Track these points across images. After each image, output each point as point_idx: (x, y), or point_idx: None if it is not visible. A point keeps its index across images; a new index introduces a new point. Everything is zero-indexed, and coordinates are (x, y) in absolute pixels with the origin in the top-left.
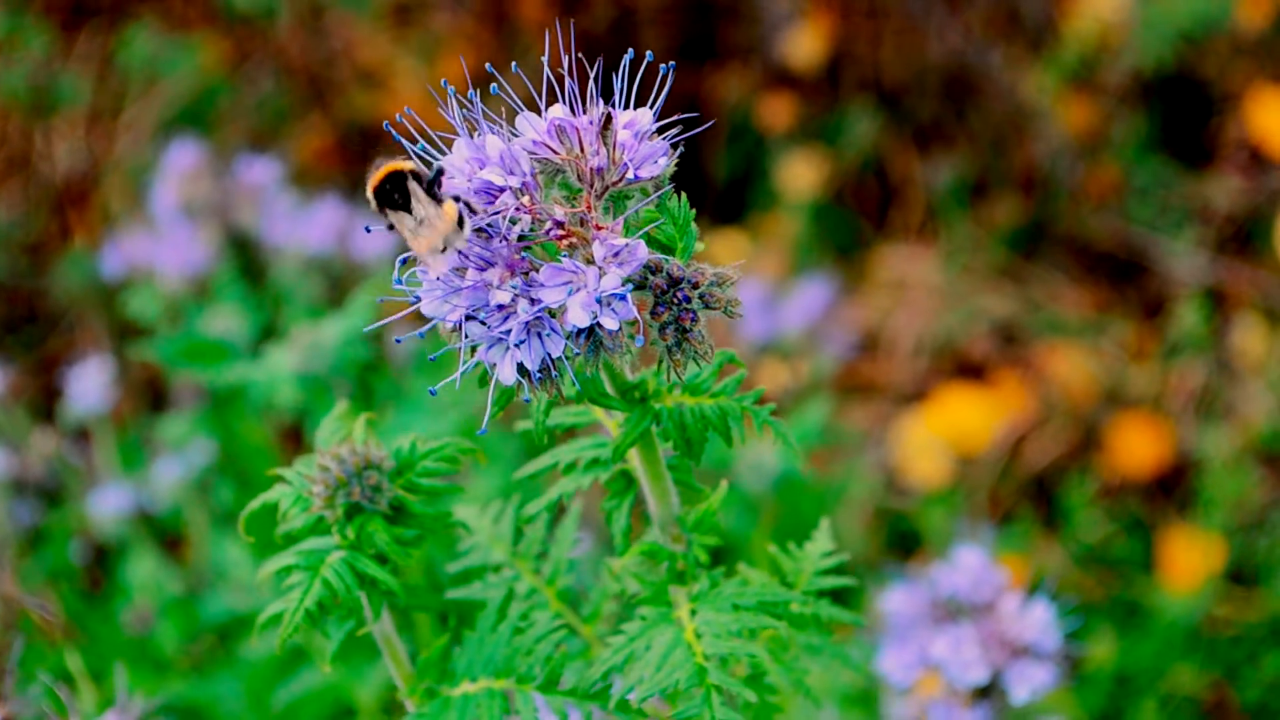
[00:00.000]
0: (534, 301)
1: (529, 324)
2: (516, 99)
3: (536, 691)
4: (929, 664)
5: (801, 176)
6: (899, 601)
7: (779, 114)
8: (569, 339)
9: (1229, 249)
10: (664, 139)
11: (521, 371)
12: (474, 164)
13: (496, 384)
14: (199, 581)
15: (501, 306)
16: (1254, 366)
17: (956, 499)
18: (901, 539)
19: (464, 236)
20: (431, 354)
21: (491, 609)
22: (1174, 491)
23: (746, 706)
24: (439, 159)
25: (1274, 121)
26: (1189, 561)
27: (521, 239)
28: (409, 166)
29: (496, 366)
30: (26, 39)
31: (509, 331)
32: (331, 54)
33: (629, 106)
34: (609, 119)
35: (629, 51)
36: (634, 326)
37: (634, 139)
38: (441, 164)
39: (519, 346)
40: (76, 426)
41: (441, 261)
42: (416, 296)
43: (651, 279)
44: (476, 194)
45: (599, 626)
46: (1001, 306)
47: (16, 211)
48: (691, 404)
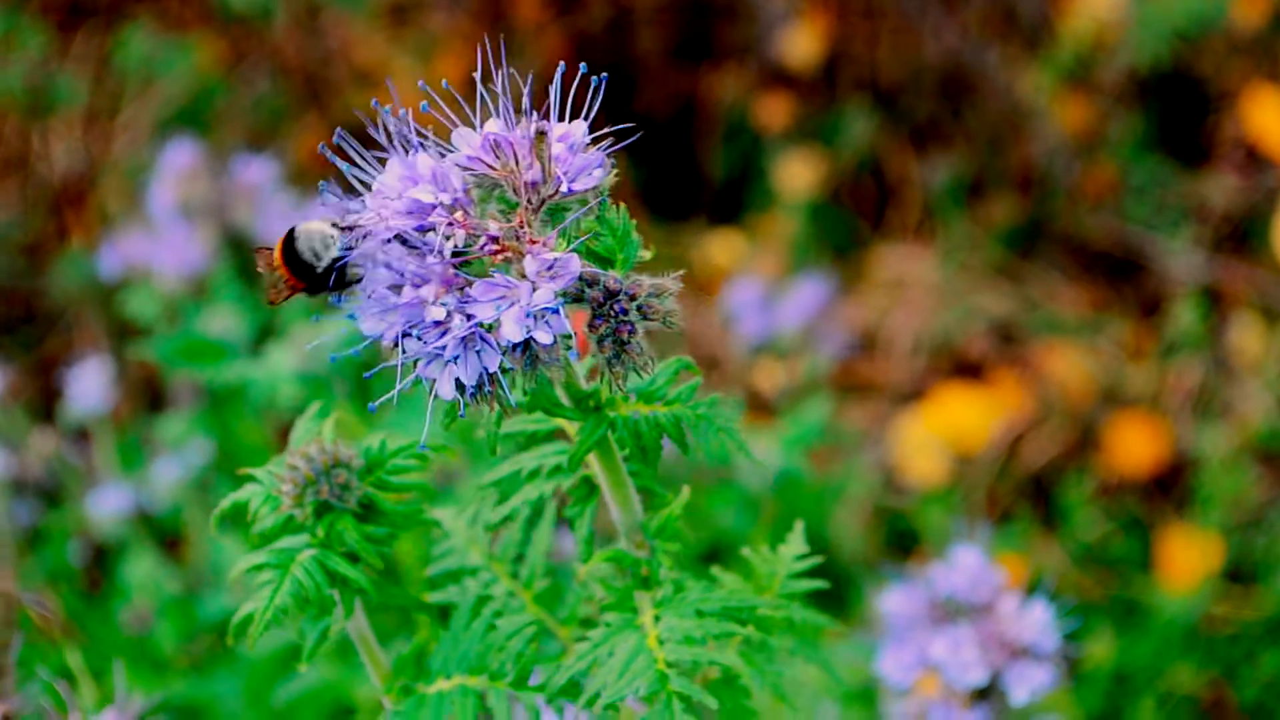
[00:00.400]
0: (468, 317)
1: (465, 339)
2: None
3: (509, 688)
4: (928, 665)
5: (798, 176)
6: (897, 602)
7: (776, 113)
8: (505, 353)
9: (1226, 248)
10: (600, 149)
11: (459, 387)
12: (406, 182)
13: (436, 399)
14: (198, 581)
15: (438, 323)
16: (1251, 365)
17: (954, 498)
18: (900, 538)
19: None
20: (367, 373)
21: (465, 607)
22: (1172, 490)
23: (721, 711)
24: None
25: (1270, 120)
26: (1187, 560)
27: (456, 255)
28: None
29: (436, 382)
30: (23, 39)
31: (445, 347)
32: (328, 54)
33: (565, 119)
34: (543, 133)
35: (560, 65)
36: (570, 340)
37: (568, 151)
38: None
39: (455, 362)
40: (75, 426)
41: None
42: (353, 315)
43: (589, 292)
44: (408, 213)
45: (575, 629)
46: (999, 305)
47: (14, 212)
48: (646, 411)
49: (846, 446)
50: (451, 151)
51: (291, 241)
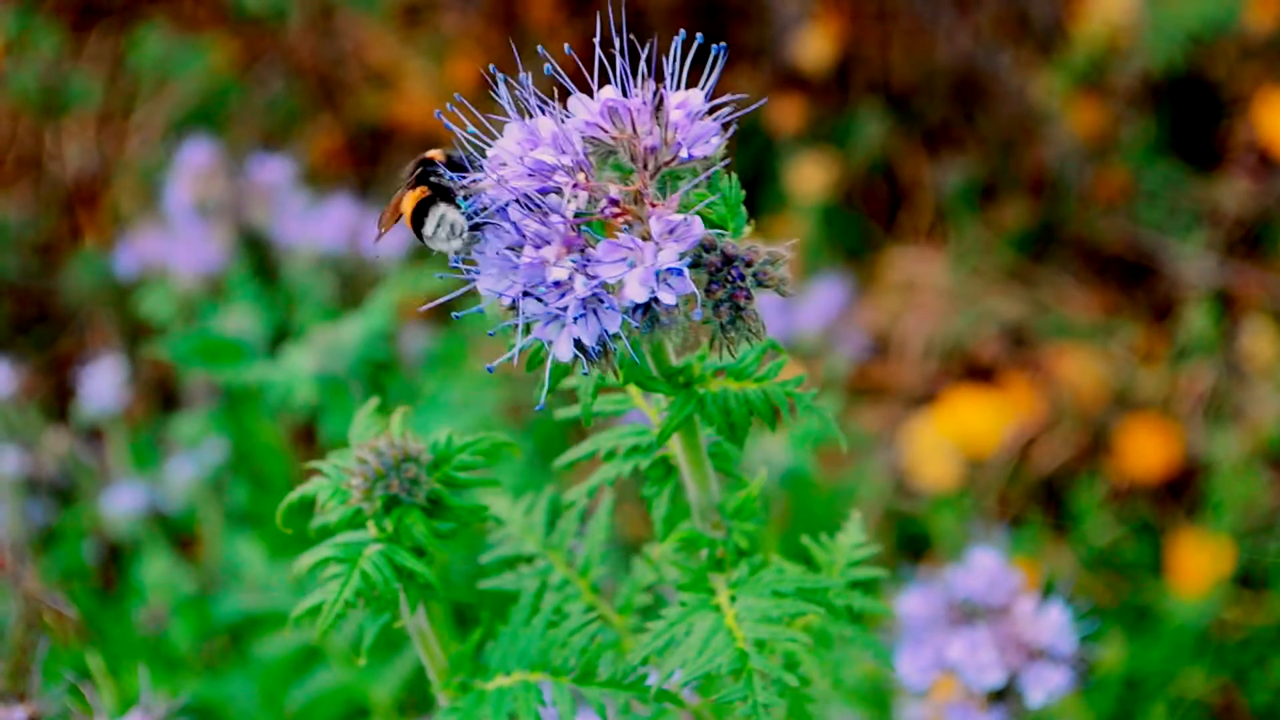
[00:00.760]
0: (591, 277)
1: (586, 300)
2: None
3: (573, 683)
4: (945, 666)
5: (811, 178)
6: (915, 604)
7: (788, 116)
8: (626, 314)
9: (1238, 252)
10: (715, 119)
11: (578, 348)
12: (527, 145)
13: (552, 362)
14: (212, 581)
15: (558, 283)
16: (1263, 369)
17: (966, 502)
18: (911, 541)
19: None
20: (490, 330)
21: (525, 602)
22: (1183, 495)
23: (785, 692)
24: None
25: None
26: (1198, 565)
27: (578, 216)
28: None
29: (553, 344)
30: (37, 39)
31: (566, 308)
32: (341, 54)
33: (680, 87)
34: (661, 99)
35: (680, 33)
36: (690, 304)
37: (686, 119)
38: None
39: (576, 322)
40: (89, 426)
41: (455, 245)
42: (475, 273)
43: (706, 257)
44: (530, 174)
45: (631, 618)
46: (1011, 309)
47: (27, 211)
48: (736, 389)
49: (858, 449)
50: (569, 118)
51: (422, 214)
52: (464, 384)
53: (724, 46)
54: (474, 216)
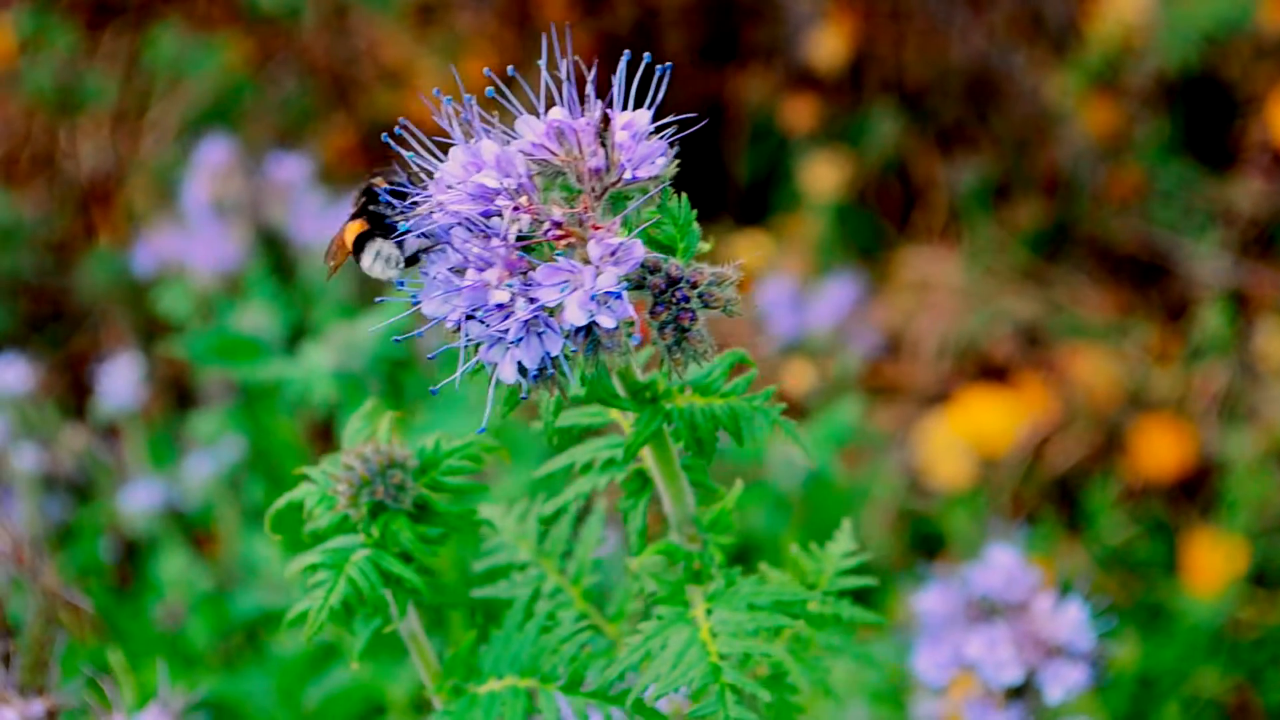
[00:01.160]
0: (532, 300)
1: (527, 323)
2: (531, 99)
3: (559, 692)
4: (963, 664)
5: (824, 178)
6: (933, 601)
7: (802, 115)
8: (567, 338)
9: (1252, 252)
10: (662, 139)
11: (522, 371)
12: (471, 168)
13: (498, 383)
14: (229, 578)
15: (501, 306)
16: (1277, 369)
17: (980, 501)
18: (924, 541)
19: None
20: (430, 353)
21: (518, 608)
22: (1197, 494)
23: (766, 707)
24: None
25: None
26: (1212, 564)
27: (520, 239)
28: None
29: (497, 366)
30: (52, 38)
31: (508, 330)
32: (355, 53)
33: (628, 108)
34: (607, 120)
35: (625, 54)
36: (632, 326)
37: (631, 139)
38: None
39: (518, 345)
40: (106, 423)
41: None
42: (417, 298)
43: (650, 278)
44: (472, 198)
45: (624, 625)
46: (1024, 309)
47: (42, 209)
48: (702, 404)
49: (872, 448)
50: (514, 139)
51: (359, 247)
52: (481, 381)
53: (669, 66)
54: (414, 244)
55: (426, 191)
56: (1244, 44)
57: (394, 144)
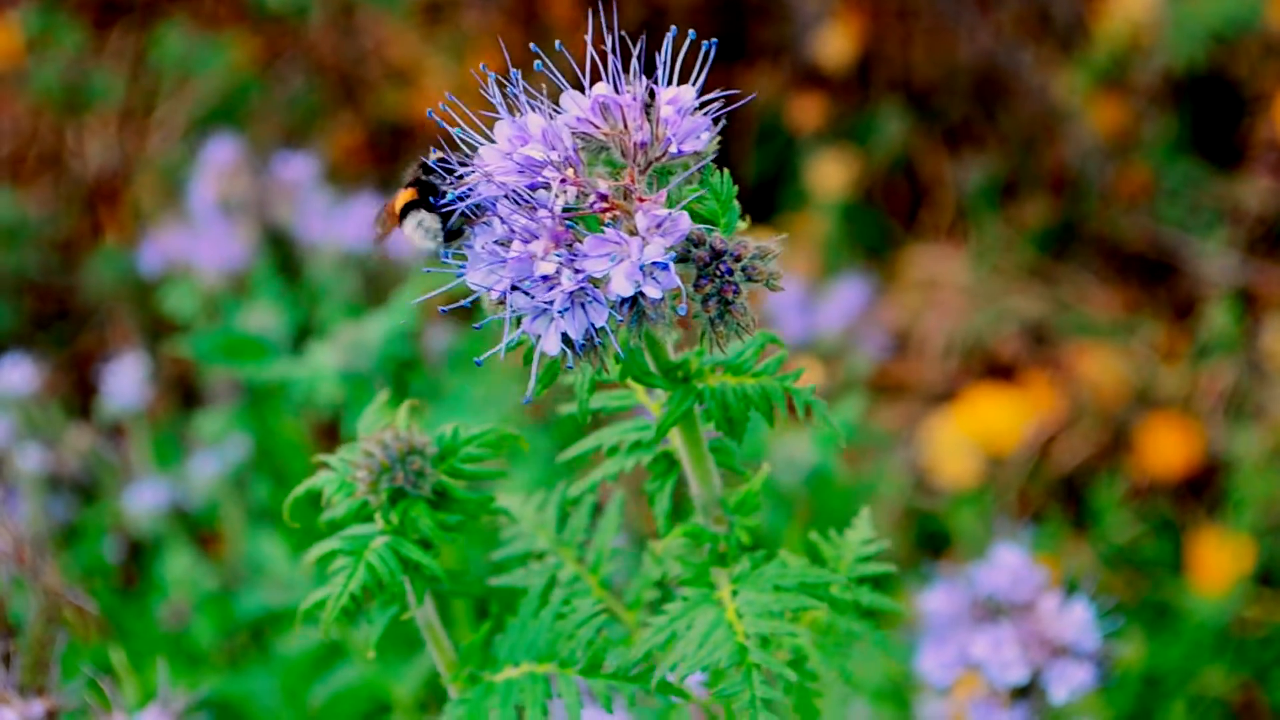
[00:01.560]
0: (578, 271)
1: (573, 294)
2: (545, 92)
3: (579, 675)
4: (968, 663)
5: (831, 176)
6: (938, 600)
7: (809, 114)
8: (613, 308)
9: (1259, 250)
10: (705, 115)
11: (566, 342)
12: (516, 141)
13: (541, 355)
14: (234, 577)
15: (546, 277)
16: None
17: (986, 499)
18: (930, 539)
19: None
20: (476, 323)
21: (534, 594)
22: (1203, 493)
23: (788, 687)
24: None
25: None
26: (1218, 563)
27: (566, 211)
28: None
29: (541, 337)
30: (59, 36)
31: (553, 301)
32: (362, 52)
33: (670, 84)
34: (652, 95)
35: (671, 30)
36: (677, 299)
37: (677, 114)
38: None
39: (563, 316)
40: (111, 423)
41: (432, 245)
42: (462, 269)
43: (694, 251)
44: (519, 170)
45: (640, 613)
46: (1031, 307)
47: (48, 208)
48: (734, 383)
49: (878, 447)
50: (560, 114)
51: (405, 215)
52: (487, 381)
53: (714, 42)
54: (456, 216)
55: (474, 165)
56: (1252, 42)
57: (439, 119)
